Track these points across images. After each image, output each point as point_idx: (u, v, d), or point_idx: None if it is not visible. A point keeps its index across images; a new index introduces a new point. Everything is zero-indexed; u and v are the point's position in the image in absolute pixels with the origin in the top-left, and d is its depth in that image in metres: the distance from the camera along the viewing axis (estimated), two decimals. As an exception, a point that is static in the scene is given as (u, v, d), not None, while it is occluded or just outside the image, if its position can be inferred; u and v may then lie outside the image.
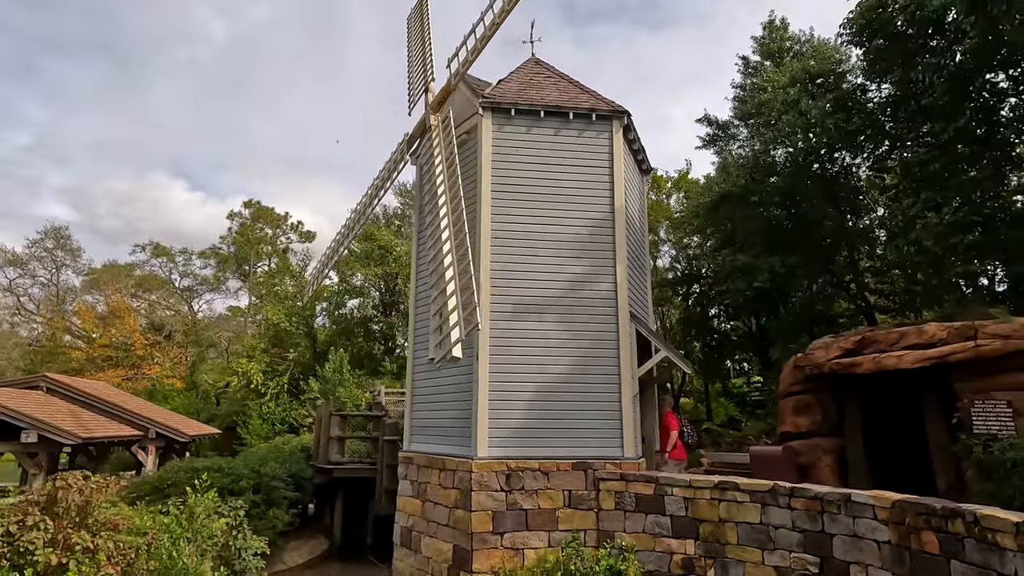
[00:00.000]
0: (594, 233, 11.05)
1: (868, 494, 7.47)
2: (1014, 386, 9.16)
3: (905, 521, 6.96)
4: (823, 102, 12.65)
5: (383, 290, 29.53)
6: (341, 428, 15.82)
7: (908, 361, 9.96)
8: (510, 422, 10.02)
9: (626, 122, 11.69)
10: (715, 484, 8.92)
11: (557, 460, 9.89)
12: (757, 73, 17.40)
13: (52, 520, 5.55)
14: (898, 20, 11.94)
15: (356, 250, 29.50)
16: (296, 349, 28.81)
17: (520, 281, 10.63)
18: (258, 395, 27.77)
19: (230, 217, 44.41)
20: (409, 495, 11.32)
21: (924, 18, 11.15)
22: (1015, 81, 10.31)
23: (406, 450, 11.84)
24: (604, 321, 10.67)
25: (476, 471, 9.63)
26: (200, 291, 48.14)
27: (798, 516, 8.10)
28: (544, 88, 12.31)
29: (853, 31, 13.10)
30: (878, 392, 11.27)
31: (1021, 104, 10.59)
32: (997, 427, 9.03)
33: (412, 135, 13.04)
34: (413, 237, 13.20)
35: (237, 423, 27.64)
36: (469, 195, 11.32)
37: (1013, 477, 8.23)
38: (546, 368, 10.32)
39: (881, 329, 10.86)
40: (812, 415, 11.84)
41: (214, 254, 44.68)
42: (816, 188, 14.04)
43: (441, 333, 8.74)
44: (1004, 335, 9.28)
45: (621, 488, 9.62)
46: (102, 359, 37.11)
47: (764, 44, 18.16)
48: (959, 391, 9.71)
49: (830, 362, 11.07)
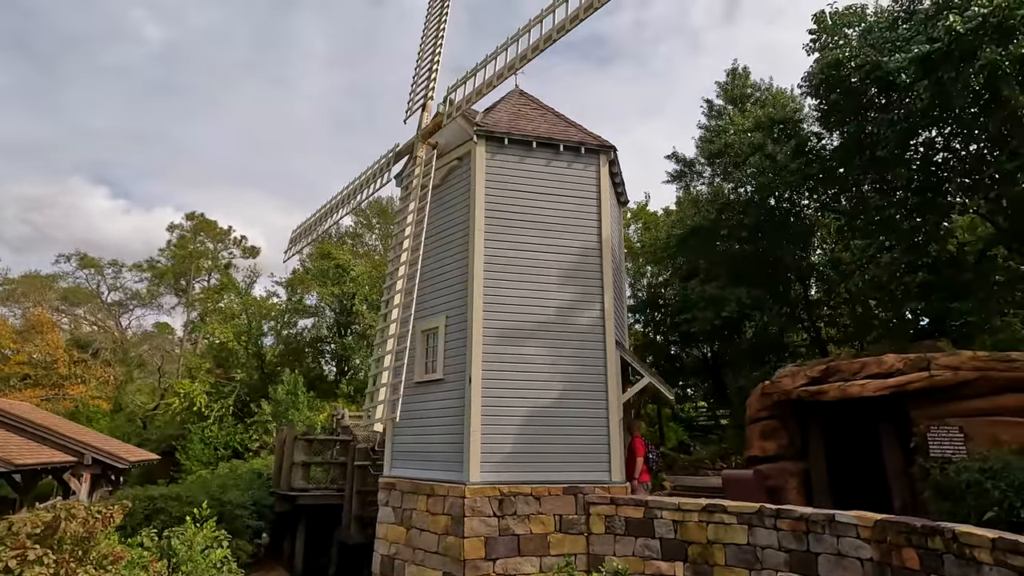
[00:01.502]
0: (582, 262, 11.40)
1: (851, 514, 8.00)
2: (964, 412, 10.08)
3: (887, 539, 7.51)
4: (787, 147, 13.75)
5: (338, 310, 28.83)
6: (307, 453, 15.27)
7: (870, 389, 10.76)
8: (502, 447, 10.07)
9: (612, 156, 12.21)
10: (703, 507, 9.27)
11: (549, 485, 10.00)
12: (721, 116, 18.67)
13: (53, 553, 5.15)
14: (853, 77, 13.13)
15: (310, 268, 28.76)
16: (243, 370, 27.57)
17: (511, 306, 10.80)
18: (200, 418, 26.32)
19: (170, 229, 42.28)
20: (391, 522, 11.09)
21: (878, 77, 12.35)
22: (957, 137, 11.61)
23: (388, 475, 11.62)
24: (592, 348, 10.97)
25: (469, 496, 9.60)
26: (131, 306, 45.36)
27: (784, 536, 8.54)
28: (534, 120, 12.70)
29: (811, 84, 14.31)
30: (838, 418, 12.08)
31: (959, 159, 11.91)
32: (951, 451, 9.88)
33: (401, 151, 13.07)
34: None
35: (176, 448, 26.04)
36: (461, 220, 11.48)
37: (968, 497, 9.00)
38: (536, 393, 10.48)
39: (844, 359, 11.68)
40: (779, 439, 12.51)
41: (150, 267, 42.29)
42: (777, 225, 15.13)
43: (371, 401, 10.02)
44: (954, 366, 10.24)
45: (611, 512, 9.83)
46: (18, 378, 34.16)
47: (727, 89, 19.56)
48: (915, 418, 10.57)
49: (797, 389, 11.79)
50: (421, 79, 13.62)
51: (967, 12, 9.97)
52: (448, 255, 11.58)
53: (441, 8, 14.26)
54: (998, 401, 10.00)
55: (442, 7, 14.23)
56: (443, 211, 12.04)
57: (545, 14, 10.43)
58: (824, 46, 14.25)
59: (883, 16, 13.78)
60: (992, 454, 9.20)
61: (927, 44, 10.49)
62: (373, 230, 40.67)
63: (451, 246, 11.57)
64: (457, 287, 11.14)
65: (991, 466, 9.08)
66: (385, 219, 40.42)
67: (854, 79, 13.07)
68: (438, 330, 11.32)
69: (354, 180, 14.18)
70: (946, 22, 9.93)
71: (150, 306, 47.08)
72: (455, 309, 11.06)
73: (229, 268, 45.96)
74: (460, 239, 11.39)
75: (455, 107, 11.53)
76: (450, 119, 11.66)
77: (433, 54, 13.68)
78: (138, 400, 38.75)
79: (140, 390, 40.97)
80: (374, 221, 40.79)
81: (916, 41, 11.41)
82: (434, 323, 11.42)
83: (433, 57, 13.60)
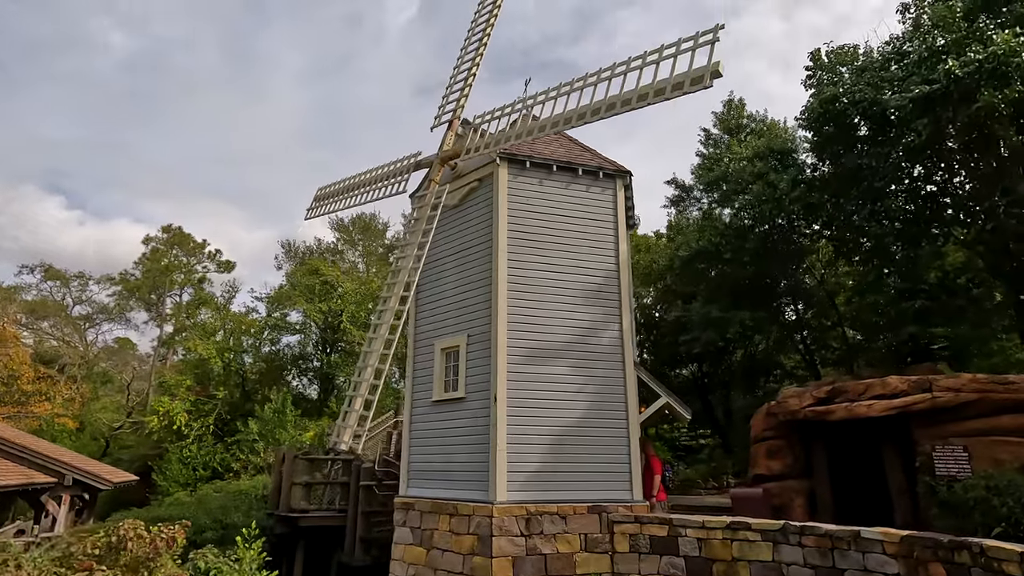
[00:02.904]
0: (601, 283, 11.65)
1: (877, 530, 8.31)
2: (965, 432, 10.61)
3: (913, 554, 7.83)
4: (787, 176, 14.44)
5: (324, 327, 28.43)
6: (310, 473, 14.97)
7: (877, 409, 11.23)
8: (528, 465, 10.13)
9: (627, 181, 12.58)
10: (727, 524, 9.48)
11: (574, 504, 10.08)
12: (718, 144, 19.42)
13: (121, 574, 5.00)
14: (848, 112, 13.87)
15: (296, 283, 28.38)
16: (224, 387, 26.86)
17: (534, 326, 10.95)
18: (179, 437, 25.48)
19: (146, 241, 41.13)
20: (409, 543, 10.97)
21: (875, 113, 13.10)
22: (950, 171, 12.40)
23: (404, 495, 11.51)
24: (611, 367, 11.17)
25: (497, 515, 9.61)
26: (98, 320, 43.77)
27: (809, 553, 8.80)
28: (550, 143, 13.01)
29: (808, 117, 15.04)
30: (841, 438, 12.52)
31: (952, 193, 12.71)
32: (956, 469, 10.37)
33: (421, 162, 13.15)
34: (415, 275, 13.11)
35: (153, 468, 25.10)
36: (482, 240, 11.63)
37: (975, 514, 9.46)
38: (560, 412, 10.60)
39: (848, 380, 12.14)
40: (784, 458, 12.89)
41: (122, 280, 40.97)
42: (772, 250, 15.75)
43: (343, 422, 10.93)
44: (955, 388, 10.79)
45: (635, 530, 9.95)
46: (-22, 395, 32.45)
47: (724, 119, 20.38)
48: (919, 437, 11.07)
49: (804, 409, 12.20)
50: (453, 92, 13.39)
51: (963, 58, 10.75)
52: (469, 274, 11.68)
53: (491, 12, 13.57)
54: (996, 422, 10.56)
55: (492, 11, 13.56)
56: (462, 231, 12.17)
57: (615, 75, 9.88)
58: (820, 82, 15.04)
59: (875, 57, 14.63)
60: (996, 472, 9.71)
61: (926, 85, 11.23)
62: (356, 247, 40.33)
63: (472, 265, 11.68)
64: (479, 306, 11.24)
65: (996, 484, 9.57)
66: (369, 236, 40.19)
67: (850, 114, 13.79)
68: (459, 349, 11.37)
69: (375, 168, 14.04)
70: (945, 66, 10.69)
71: (118, 320, 45.60)
72: (477, 328, 11.14)
73: (204, 282, 44.89)
74: (481, 258, 11.52)
75: (483, 142, 11.61)
76: (478, 150, 11.74)
77: (471, 68, 13.36)
78: (104, 418, 37.27)
79: (105, 408, 39.40)
80: (357, 238, 40.48)
81: (912, 81, 12.18)
82: (455, 342, 11.47)
83: (471, 69, 13.32)
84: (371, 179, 14.14)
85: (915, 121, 11.58)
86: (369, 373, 10.96)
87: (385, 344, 11.08)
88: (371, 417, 10.99)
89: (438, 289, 12.32)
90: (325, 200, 15.21)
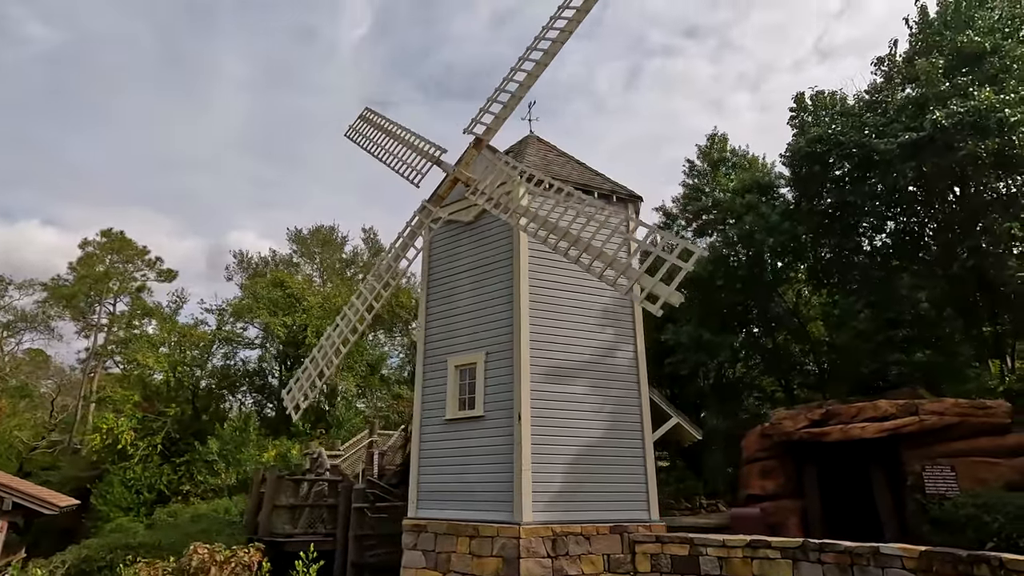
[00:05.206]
0: (615, 304, 11.85)
1: (896, 546, 8.74)
2: (950, 453, 11.43)
3: (932, 568, 8.28)
4: (776, 209, 15.32)
5: (286, 341, 27.26)
6: (295, 495, 14.22)
7: (870, 431, 11.91)
8: (552, 486, 10.07)
9: (638, 206, 12.93)
10: (747, 542, 9.71)
11: (597, 524, 10.08)
12: (702, 176, 20.36)
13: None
14: (833, 152, 14.89)
15: (260, 296, 27.17)
16: (176, 404, 25.18)
17: (555, 344, 10.99)
18: (122, 457, 23.57)
19: (82, 246, 38.28)
20: (421, 566, 10.59)
21: (859, 154, 14.12)
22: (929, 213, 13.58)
23: (415, 517, 11.13)
24: (628, 387, 11.34)
25: (524, 537, 9.46)
26: (19, 328, 40.15)
27: (829, 570, 9.12)
28: (563, 166, 13.23)
29: (792, 156, 16.02)
30: (831, 458, 13.16)
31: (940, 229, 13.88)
32: (944, 488, 11.11)
33: (441, 162, 12.65)
34: (422, 295, 12.88)
35: (91, 491, 23.05)
36: (501, 257, 11.60)
37: (967, 530, 10.15)
38: (581, 431, 10.63)
39: (841, 404, 12.82)
40: (777, 478, 13.40)
41: (53, 287, 37.87)
42: (760, 279, 16.57)
43: (296, 382, 12.18)
44: (939, 412, 11.63)
45: (657, 550, 10.04)
46: None
47: (707, 152, 21.37)
48: (907, 458, 11.81)
49: (800, 431, 12.78)
50: (495, 103, 12.22)
51: (947, 109, 11.83)
52: (487, 291, 11.61)
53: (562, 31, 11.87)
54: (976, 443, 11.44)
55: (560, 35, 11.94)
56: (479, 248, 12.11)
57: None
58: (803, 124, 16.08)
59: (850, 104, 15.82)
60: (984, 490, 10.49)
61: (912, 132, 12.26)
62: (313, 260, 39.09)
63: (490, 282, 11.62)
64: (499, 323, 11.17)
65: (985, 501, 10.33)
66: (328, 250, 39.08)
67: (833, 153, 14.79)
68: (476, 366, 11.22)
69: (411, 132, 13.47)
70: (932, 116, 11.73)
71: (40, 330, 42.00)
72: (497, 344, 11.05)
73: (143, 291, 42.17)
74: (500, 275, 11.49)
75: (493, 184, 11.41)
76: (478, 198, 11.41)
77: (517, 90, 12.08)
78: (22, 436, 34.05)
79: (21, 425, 36.05)
80: (315, 251, 39.28)
81: (894, 128, 13.25)
82: (471, 359, 11.32)
83: (517, 92, 12.06)
84: (404, 140, 13.32)
85: (901, 164, 12.59)
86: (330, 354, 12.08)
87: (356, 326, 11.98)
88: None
89: (451, 306, 12.15)
90: (366, 127, 14.29)
